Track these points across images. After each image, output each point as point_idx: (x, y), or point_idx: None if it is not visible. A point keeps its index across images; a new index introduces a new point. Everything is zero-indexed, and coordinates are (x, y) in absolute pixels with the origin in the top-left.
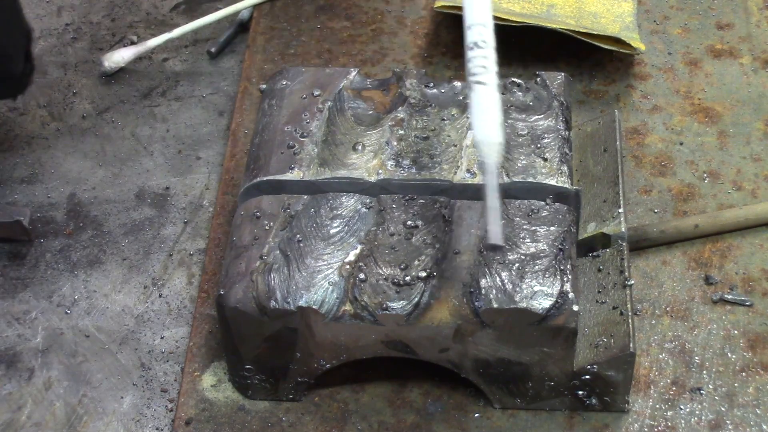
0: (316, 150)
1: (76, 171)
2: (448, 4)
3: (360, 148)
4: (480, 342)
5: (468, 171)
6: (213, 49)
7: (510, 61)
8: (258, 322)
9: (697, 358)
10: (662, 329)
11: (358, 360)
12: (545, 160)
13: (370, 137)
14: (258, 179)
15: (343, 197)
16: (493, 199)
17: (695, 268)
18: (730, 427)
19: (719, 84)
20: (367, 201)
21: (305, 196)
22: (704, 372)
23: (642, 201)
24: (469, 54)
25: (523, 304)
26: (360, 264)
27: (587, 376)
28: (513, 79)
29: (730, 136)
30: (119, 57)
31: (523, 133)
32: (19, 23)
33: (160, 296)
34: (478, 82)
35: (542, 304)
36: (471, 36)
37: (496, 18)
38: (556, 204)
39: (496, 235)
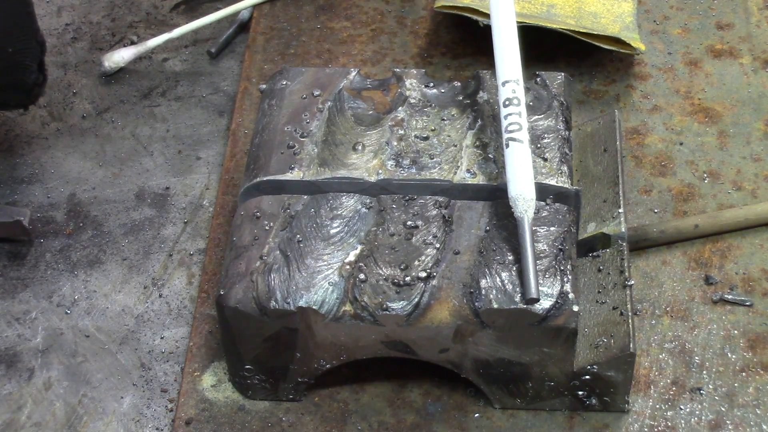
0: (316, 150)
1: (76, 171)
2: (448, 4)
3: (360, 148)
4: (480, 342)
5: (468, 171)
6: (213, 49)
7: None
8: (258, 322)
9: (697, 358)
10: (662, 329)
11: (358, 360)
12: (545, 160)
13: (370, 137)
14: (258, 179)
15: (343, 197)
16: (529, 253)
17: (695, 268)
18: (730, 427)
19: (719, 84)
20: (367, 201)
21: (305, 196)
22: (704, 372)
23: (642, 201)
24: (504, 111)
25: (523, 305)
26: (360, 264)
27: (587, 377)
28: None
29: (730, 136)
30: (119, 57)
31: None
32: (34, 33)
33: (160, 296)
34: (513, 140)
35: (542, 304)
36: (505, 93)
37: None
38: (556, 204)
39: (533, 289)
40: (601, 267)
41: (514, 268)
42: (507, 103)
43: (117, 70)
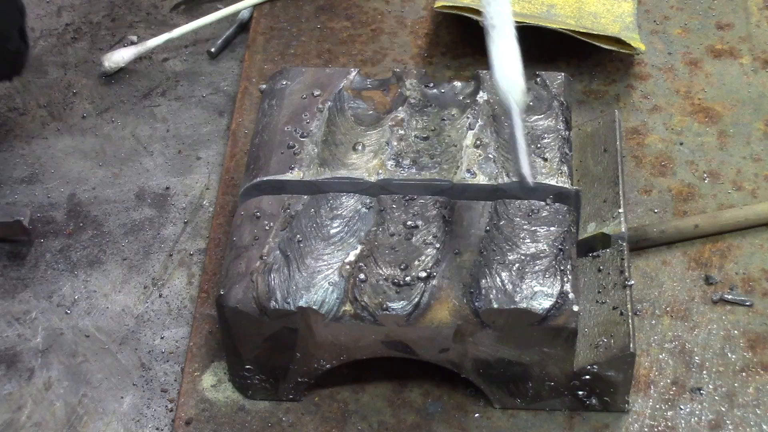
0: (316, 150)
1: (76, 171)
2: (448, 4)
3: (360, 148)
4: (480, 342)
5: (468, 171)
6: (213, 49)
7: None
8: (258, 322)
9: (697, 358)
10: (662, 329)
11: (358, 360)
12: (545, 160)
13: (370, 137)
14: (258, 179)
15: (343, 197)
16: (521, 141)
17: (695, 268)
18: (730, 427)
19: (719, 84)
20: (367, 201)
21: (305, 196)
22: (704, 372)
23: (642, 201)
24: (484, 3)
25: (523, 305)
26: (360, 264)
27: (587, 376)
28: None
29: (730, 136)
30: (119, 57)
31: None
32: (13, 0)
33: (160, 296)
34: (494, 27)
35: (542, 304)
36: None
37: None
38: (556, 204)
39: (527, 176)
40: (601, 267)
41: (515, 268)
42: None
43: (117, 70)
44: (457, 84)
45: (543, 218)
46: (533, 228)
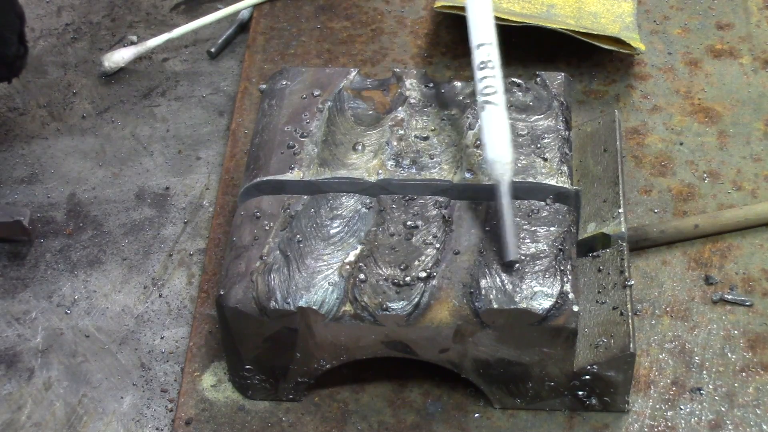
0: (316, 150)
1: (76, 171)
2: (448, 4)
3: (360, 148)
4: (480, 342)
5: (468, 171)
6: (213, 49)
7: (510, 61)
8: (258, 322)
9: (697, 358)
10: (662, 329)
11: (358, 360)
12: (545, 160)
13: (370, 137)
14: (258, 179)
15: (343, 197)
16: (508, 216)
17: (695, 268)
18: (730, 427)
19: (719, 84)
20: (367, 201)
21: (305, 196)
22: (704, 372)
23: (642, 201)
24: (479, 74)
25: (523, 305)
26: (360, 264)
27: (587, 377)
28: (513, 79)
29: (730, 136)
30: (119, 57)
31: (523, 133)
32: (12, 4)
33: (160, 296)
34: (489, 102)
35: (542, 304)
36: (479, 56)
37: (496, 18)
38: (556, 204)
39: (512, 252)
40: (601, 267)
41: (514, 268)
42: (482, 66)
43: (117, 70)
44: (457, 84)
45: (543, 218)
46: (533, 228)
